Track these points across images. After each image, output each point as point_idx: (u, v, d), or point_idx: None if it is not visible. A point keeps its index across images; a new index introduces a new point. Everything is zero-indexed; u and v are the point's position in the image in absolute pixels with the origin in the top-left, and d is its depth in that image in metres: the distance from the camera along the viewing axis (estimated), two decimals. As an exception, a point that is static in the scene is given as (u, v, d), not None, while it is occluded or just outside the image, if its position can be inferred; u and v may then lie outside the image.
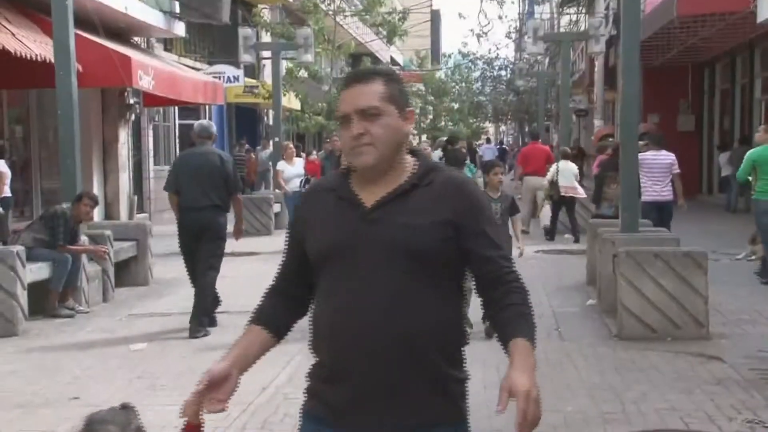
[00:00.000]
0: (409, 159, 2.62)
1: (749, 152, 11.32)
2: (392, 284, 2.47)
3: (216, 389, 2.52)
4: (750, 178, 11.12)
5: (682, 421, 5.81)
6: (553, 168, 16.31)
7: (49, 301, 9.80)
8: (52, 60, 11.14)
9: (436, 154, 11.10)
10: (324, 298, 2.58)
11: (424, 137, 32.33)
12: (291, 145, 17.06)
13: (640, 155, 12.10)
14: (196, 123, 9.73)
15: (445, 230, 2.50)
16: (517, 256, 8.11)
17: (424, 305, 2.49)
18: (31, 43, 12.35)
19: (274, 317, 2.69)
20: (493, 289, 2.58)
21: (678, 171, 12.20)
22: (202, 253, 8.72)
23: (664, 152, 12.19)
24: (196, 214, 8.67)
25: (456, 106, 53.01)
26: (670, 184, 12.06)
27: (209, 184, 8.72)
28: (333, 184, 2.66)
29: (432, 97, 51.06)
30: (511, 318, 2.54)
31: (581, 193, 16.03)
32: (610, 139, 21.06)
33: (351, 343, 2.46)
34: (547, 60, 40.89)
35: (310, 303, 2.68)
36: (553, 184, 15.98)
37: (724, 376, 6.89)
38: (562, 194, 15.88)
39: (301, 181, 15.62)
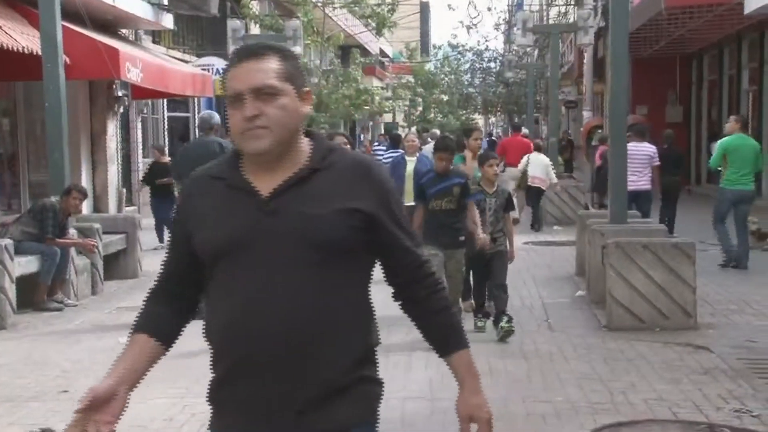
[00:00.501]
0: (305, 141, 2.40)
1: (720, 141, 11.62)
2: (296, 280, 2.27)
3: (101, 410, 2.25)
4: (721, 168, 11.41)
5: (670, 411, 5.83)
6: (524, 159, 16.79)
7: (37, 294, 9.78)
8: (40, 52, 11.09)
9: (427, 149, 11.06)
10: (220, 298, 2.33)
11: (413, 129, 32.28)
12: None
13: None
14: (199, 115, 10.18)
15: (351, 218, 2.30)
16: (510, 266, 8.30)
17: (332, 301, 2.30)
18: (18, 36, 12.29)
19: (161, 324, 2.44)
20: (414, 285, 2.44)
21: (657, 163, 12.84)
22: None
23: (645, 144, 12.67)
24: None
25: (445, 98, 53.04)
26: (648, 174, 12.66)
27: None
28: (221, 172, 2.40)
29: (421, 89, 51.10)
30: (444, 326, 2.46)
31: (545, 185, 16.59)
32: (599, 131, 21.11)
33: (253, 347, 2.25)
34: (536, 52, 40.86)
35: (198, 304, 2.47)
36: (524, 174, 16.53)
37: (712, 366, 6.93)
38: (529, 184, 16.35)
39: None
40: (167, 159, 15.51)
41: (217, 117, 9.75)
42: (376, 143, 30.51)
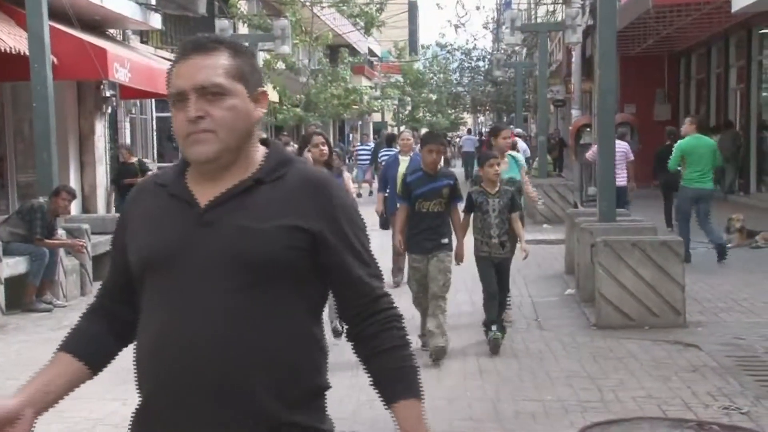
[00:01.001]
0: (260, 150, 2.15)
1: (678, 143, 11.93)
2: (225, 303, 2.00)
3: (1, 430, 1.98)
4: (679, 168, 11.74)
5: (660, 409, 5.86)
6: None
7: (26, 295, 9.74)
8: (27, 52, 11.05)
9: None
10: (145, 320, 2.10)
11: (403, 128, 32.30)
12: (261, 135, 17.00)
13: (596, 147, 13.89)
14: None
15: (291, 237, 2.04)
16: (521, 259, 7.94)
17: (263, 332, 2.01)
18: (5, 36, 12.23)
19: (89, 344, 2.20)
20: (364, 321, 2.14)
21: (632, 158, 13.46)
22: None
23: (619, 142, 12.90)
24: None
25: (434, 97, 53.06)
26: (624, 171, 13.09)
27: None
28: (166, 179, 2.17)
29: (410, 88, 51.11)
30: (393, 368, 2.12)
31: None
32: (588, 129, 21.15)
33: (174, 378, 1.99)
34: (524, 50, 40.93)
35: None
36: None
37: (701, 363, 6.95)
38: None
39: None
40: (134, 159, 16.00)
41: None
42: (358, 143, 30.23)
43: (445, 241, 7.30)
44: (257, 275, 2.02)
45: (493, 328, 7.49)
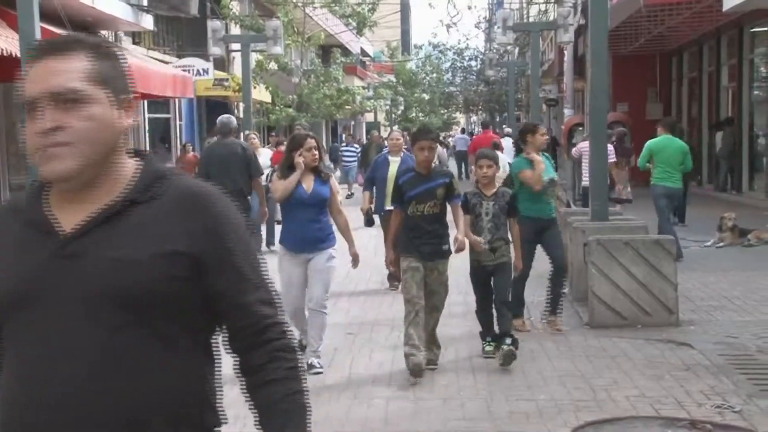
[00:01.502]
0: (129, 164, 1.89)
1: (648, 142, 12.14)
2: (96, 346, 1.75)
3: None
4: (649, 165, 11.92)
5: (653, 408, 5.86)
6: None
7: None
8: (18, 54, 11.02)
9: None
10: (8, 367, 1.83)
11: (396, 128, 32.33)
12: (253, 135, 16.85)
13: (580, 145, 14.48)
14: (218, 119, 10.83)
15: (173, 265, 1.79)
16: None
17: (147, 374, 1.78)
18: (-4, 38, 12.21)
19: None
20: (251, 352, 1.90)
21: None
22: None
23: (582, 143, 13.05)
24: None
25: (427, 97, 53.09)
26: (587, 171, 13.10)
27: (234, 169, 9.85)
28: (20, 204, 1.89)
29: (403, 88, 51.15)
30: (275, 404, 1.89)
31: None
32: (580, 128, 21.19)
33: (42, 430, 1.76)
34: (516, 50, 40.98)
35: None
36: None
37: (694, 362, 6.97)
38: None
39: (267, 174, 15.39)
40: None
41: (234, 121, 10.77)
42: (343, 144, 29.83)
43: (446, 247, 6.83)
44: (133, 313, 1.77)
45: (488, 338, 7.23)
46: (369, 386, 6.55)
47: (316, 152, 7.02)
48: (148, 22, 19.01)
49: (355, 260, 7.28)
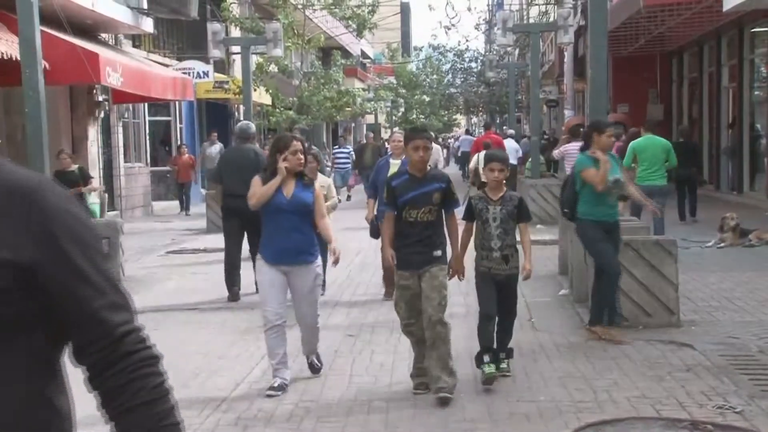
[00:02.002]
0: None
1: (632, 143, 12.68)
2: None
3: None
4: (634, 165, 12.31)
5: (654, 409, 5.86)
6: (474, 158, 17.11)
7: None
8: (18, 57, 11.03)
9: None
10: None
11: (397, 129, 32.35)
12: None
13: (565, 147, 15.01)
14: (237, 125, 11.26)
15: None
16: (521, 280, 6.76)
17: None
18: (-4, 41, 12.22)
19: None
20: (106, 370, 1.64)
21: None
22: (250, 238, 10.10)
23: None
24: (236, 200, 9.50)
25: (427, 98, 53.11)
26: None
27: (246, 174, 9.86)
28: None
29: (404, 90, 51.18)
30: (147, 425, 1.64)
31: None
32: (581, 129, 21.20)
33: None
34: (516, 51, 40.99)
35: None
36: (477, 171, 16.83)
37: (695, 362, 6.96)
38: (483, 181, 16.62)
39: None
40: (75, 166, 14.54)
41: (253, 127, 11.19)
42: (336, 146, 28.87)
43: (438, 253, 6.19)
44: None
45: (485, 358, 6.39)
46: (369, 388, 6.54)
47: (302, 156, 6.48)
48: (148, 24, 19.04)
49: (336, 258, 6.59)
